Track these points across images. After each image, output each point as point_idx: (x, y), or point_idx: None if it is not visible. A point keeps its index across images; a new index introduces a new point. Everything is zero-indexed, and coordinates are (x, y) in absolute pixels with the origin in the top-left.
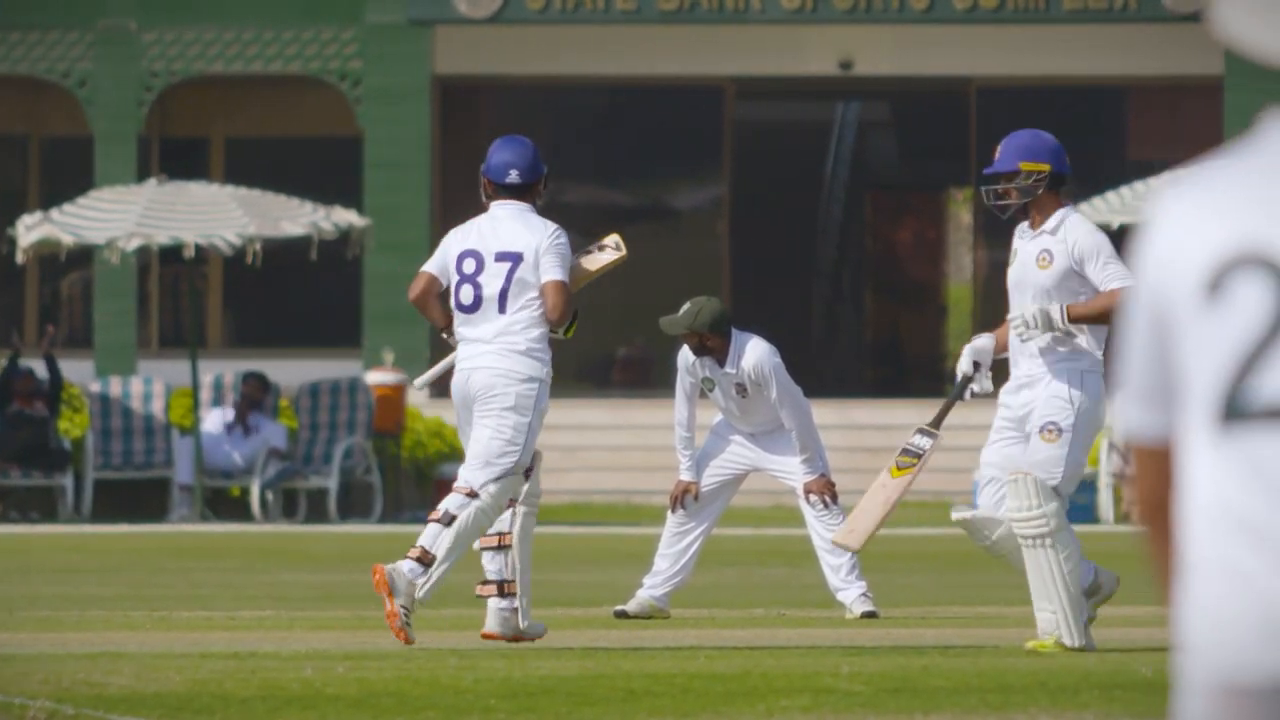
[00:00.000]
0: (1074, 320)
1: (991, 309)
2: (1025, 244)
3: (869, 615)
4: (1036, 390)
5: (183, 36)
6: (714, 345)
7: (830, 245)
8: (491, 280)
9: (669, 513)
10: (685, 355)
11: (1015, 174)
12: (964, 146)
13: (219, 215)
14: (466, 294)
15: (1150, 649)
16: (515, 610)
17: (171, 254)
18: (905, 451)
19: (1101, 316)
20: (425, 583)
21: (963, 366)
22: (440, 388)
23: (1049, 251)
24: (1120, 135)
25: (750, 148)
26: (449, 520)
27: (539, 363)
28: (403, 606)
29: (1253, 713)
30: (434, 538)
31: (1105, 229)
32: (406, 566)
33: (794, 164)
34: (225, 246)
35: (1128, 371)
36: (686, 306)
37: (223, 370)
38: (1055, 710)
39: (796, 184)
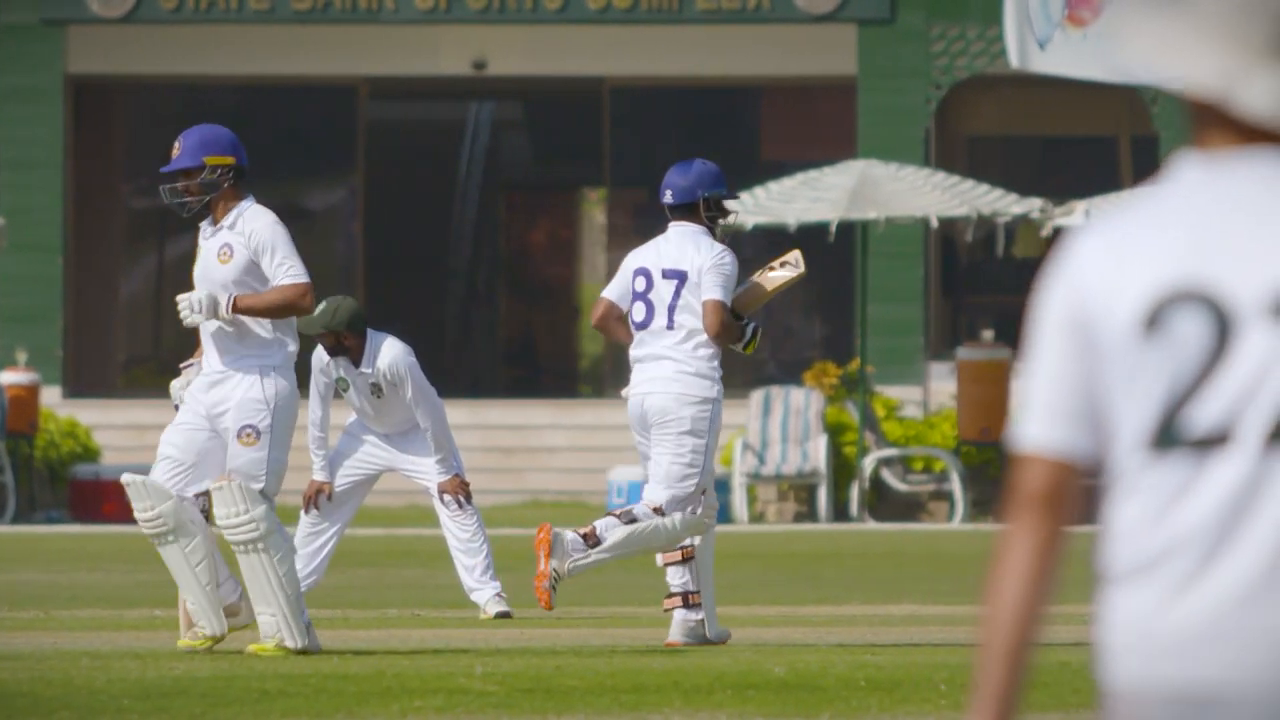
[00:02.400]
0: (240, 311)
1: None
2: (207, 241)
3: (503, 615)
4: (227, 388)
5: None
6: (350, 344)
7: (464, 245)
8: (660, 297)
9: (302, 513)
10: (320, 356)
11: (199, 169)
12: (597, 147)
13: None
14: (639, 310)
15: (784, 648)
16: (701, 620)
17: None
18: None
19: (270, 310)
20: (579, 560)
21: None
22: (73, 387)
23: (229, 246)
24: (753, 135)
25: (384, 148)
26: (629, 519)
27: (710, 382)
28: (554, 570)
29: (1203, 716)
30: (609, 527)
31: (739, 230)
32: (570, 536)
33: (428, 164)
34: None
35: (1041, 391)
36: (323, 306)
37: None
38: (689, 710)
39: (431, 184)
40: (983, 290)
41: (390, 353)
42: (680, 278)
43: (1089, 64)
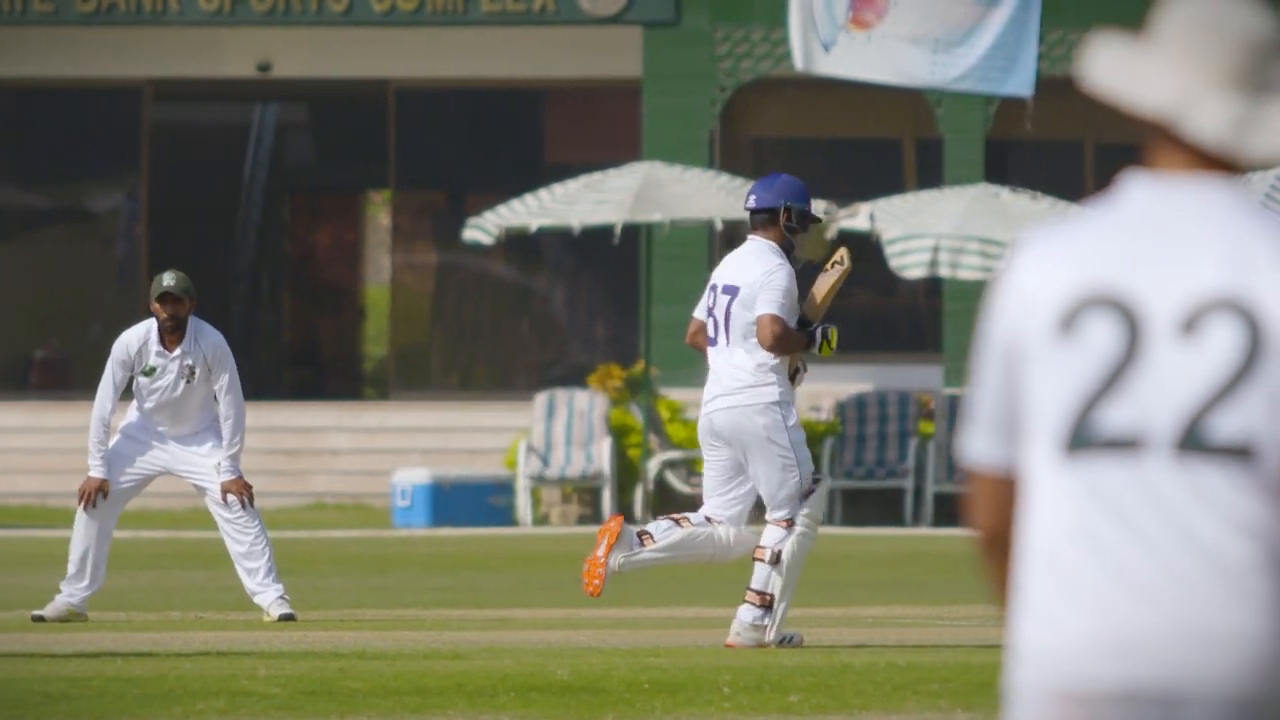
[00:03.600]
0: None
1: (407, 310)
2: None
3: (286, 618)
4: None
5: None
6: (184, 320)
7: (249, 248)
8: (719, 312)
9: (79, 510)
10: (127, 344)
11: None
12: (383, 149)
13: None
14: (709, 326)
15: (567, 650)
16: (764, 625)
17: None
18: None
19: None
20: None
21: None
22: None
23: None
24: (538, 137)
25: (168, 150)
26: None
27: (770, 387)
28: (612, 562)
29: (1103, 716)
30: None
31: (523, 232)
32: (633, 533)
33: (212, 166)
34: None
35: (978, 406)
36: (171, 274)
37: None
38: (472, 712)
39: (215, 186)
40: None
41: (214, 335)
42: (733, 293)
43: (873, 66)
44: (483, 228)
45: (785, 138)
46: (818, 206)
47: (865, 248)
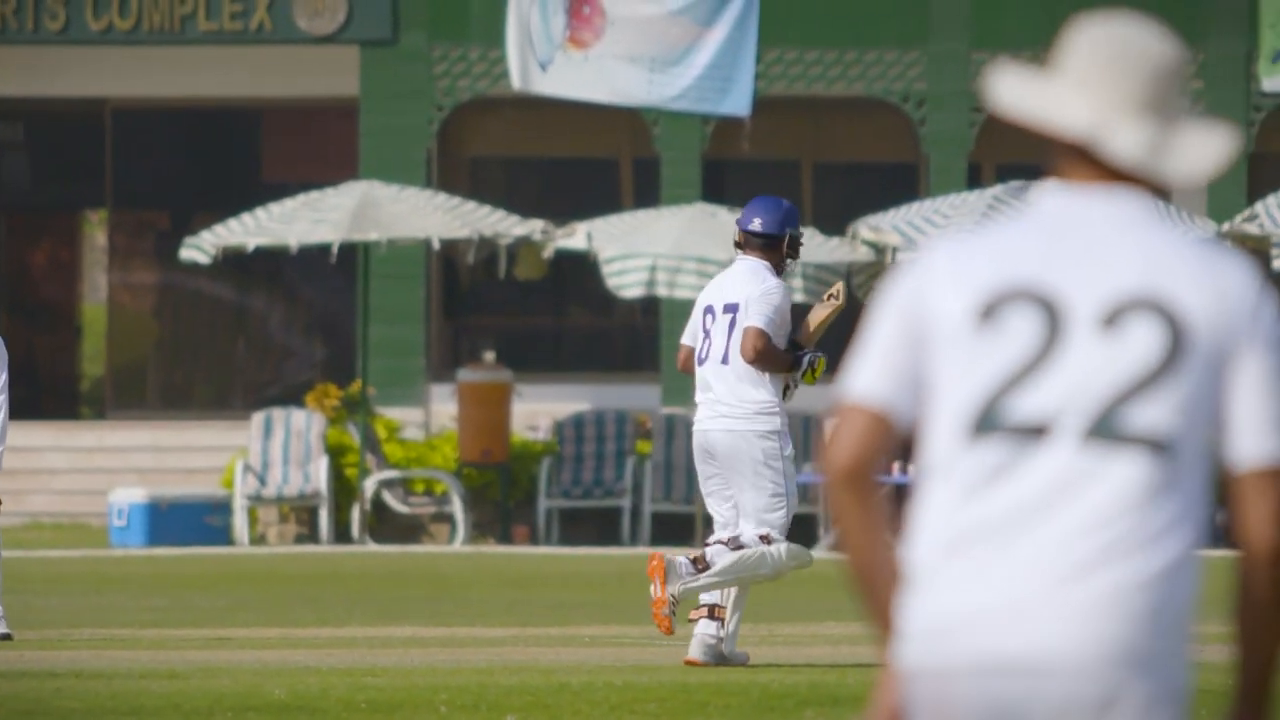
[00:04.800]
0: None
1: (124, 330)
2: None
3: (3, 638)
4: None
5: None
6: None
7: None
8: (718, 332)
9: None
10: None
11: None
12: (99, 168)
13: None
14: (704, 348)
15: (284, 670)
16: (720, 638)
17: None
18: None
19: None
20: (690, 583)
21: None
22: None
23: None
24: (254, 156)
25: None
26: (737, 546)
27: (774, 416)
28: (671, 595)
29: (968, 692)
30: (716, 554)
31: (240, 251)
32: (681, 561)
33: None
34: None
35: (873, 351)
36: None
37: None
38: None
39: None
40: (484, 312)
41: None
42: (735, 310)
43: (591, 85)
44: (200, 247)
45: (503, 156)
46: (534, 226)
47: (582, 267)
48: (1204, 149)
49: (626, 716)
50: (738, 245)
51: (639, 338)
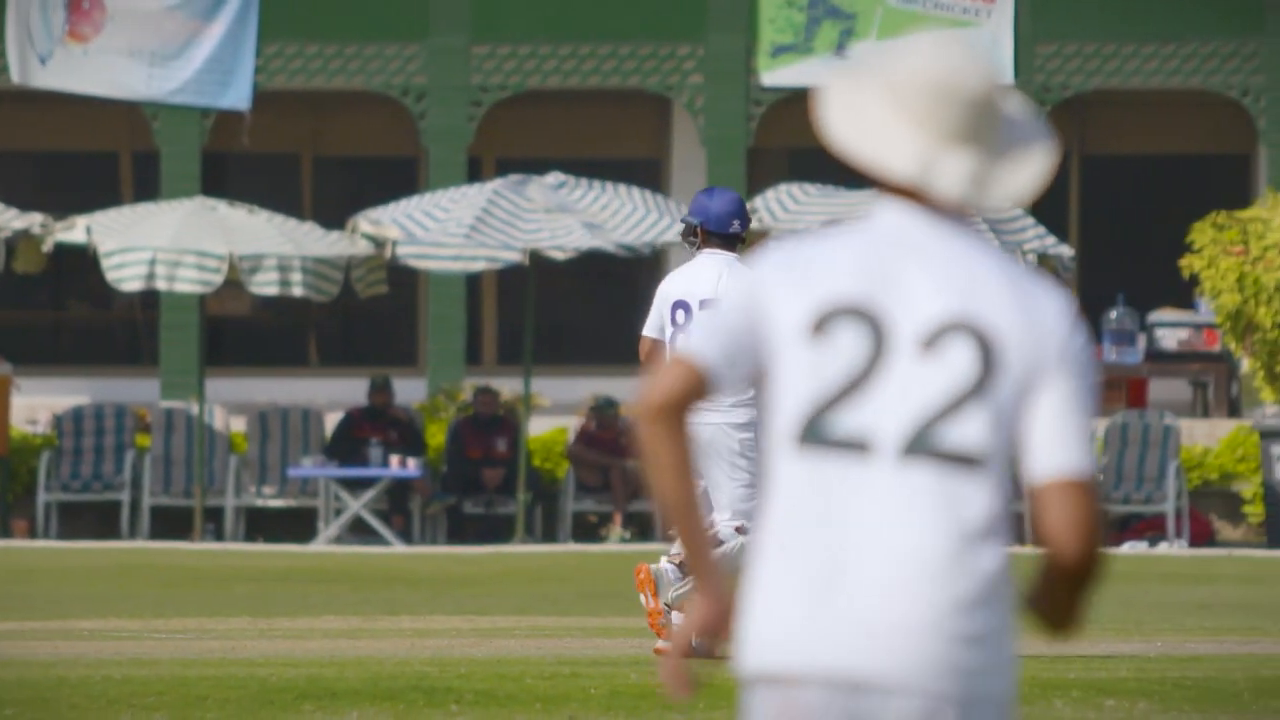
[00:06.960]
0: None
1: None
2: None
3: None
4: None
5: None
6: None
7: None
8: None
9: None
10: None
11: None
12: None
13: None
14: (680, 344)
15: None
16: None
17: None
18: None
19: None
20: (681, 589)
21: None
22: None
23: None
24: None
25: None
26: (716, 543)
27: (747, 408)
28: (666, 605)
29: (804, 700)
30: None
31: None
32: (668, 568)
33: None
34: None
35: (712, 325)
36: None
37: None
38: None
39: None
40: None
41: None
42: (711, 305)
43: (90, 79)
44: None
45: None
46: (33, 219)
47: (82, 261)
48: (1024, 173)
49: (125, 710)
50: (690, 239)
51: (139, 331)
